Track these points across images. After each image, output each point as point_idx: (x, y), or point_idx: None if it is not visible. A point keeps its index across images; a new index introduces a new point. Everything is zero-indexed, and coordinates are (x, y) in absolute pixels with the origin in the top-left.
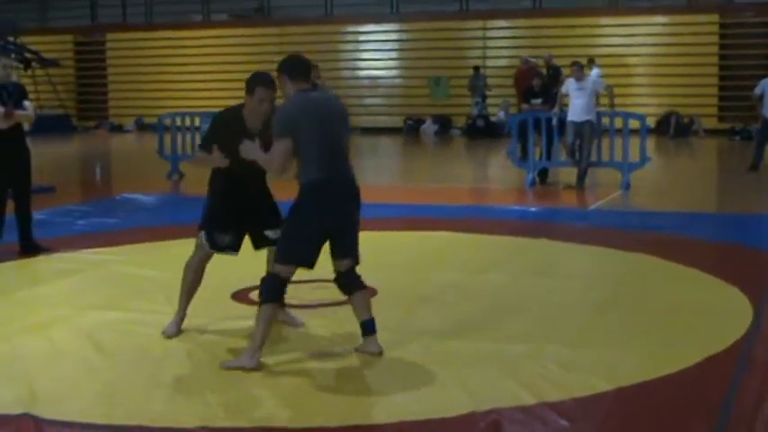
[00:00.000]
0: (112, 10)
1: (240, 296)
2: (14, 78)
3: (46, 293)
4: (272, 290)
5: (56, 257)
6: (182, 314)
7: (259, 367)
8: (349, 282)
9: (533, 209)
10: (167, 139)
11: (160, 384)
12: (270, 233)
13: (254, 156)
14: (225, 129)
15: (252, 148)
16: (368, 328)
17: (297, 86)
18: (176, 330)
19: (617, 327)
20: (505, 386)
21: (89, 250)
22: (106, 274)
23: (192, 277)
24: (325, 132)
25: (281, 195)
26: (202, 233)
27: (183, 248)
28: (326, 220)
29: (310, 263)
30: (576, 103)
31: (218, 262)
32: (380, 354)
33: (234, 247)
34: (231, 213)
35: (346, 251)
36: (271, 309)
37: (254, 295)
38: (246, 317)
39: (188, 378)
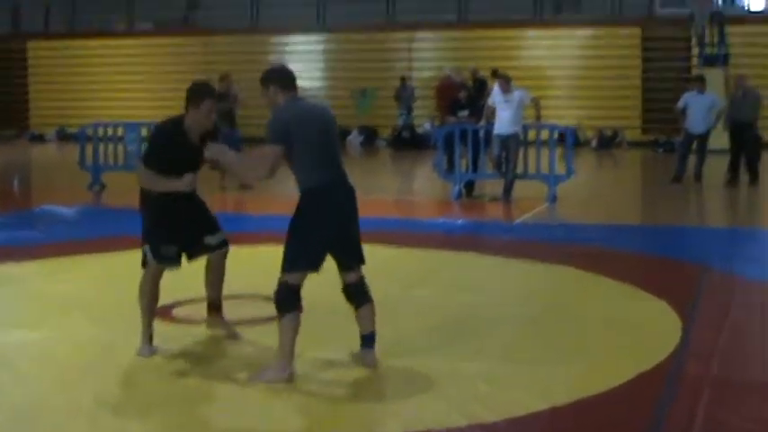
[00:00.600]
0: (34, 16)
1: (163, 313)
2: None
3: None
4: (287, 300)
5: None
6: (148, 332)
7: (291, 378)
8: (357, 293)
9: (460, 221)
10: (89, 149)
11: (79, 408)
12: (210, 239)
13: (226, 159)
14: (167, 143)
15: (222, 150)
16: (368, 340)
17: (286, 96)
18: (148, 351)
19: (547, 343)
20: (436, 407)
21: (5, 264)
22: (23, 290)
23: (150, 298)
24: (321, 140)
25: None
26: (147, 247)
27: (105, 262)
28: (329, 225)
29: (317, 267)
30: (503, 116)
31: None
32: (374, 367)
33: (178, 260)
34: (171, 225)
35: (353, 263)
36: (292, 318)
37: (178, 312)
38: (168, 336)
39: (108, 401)
